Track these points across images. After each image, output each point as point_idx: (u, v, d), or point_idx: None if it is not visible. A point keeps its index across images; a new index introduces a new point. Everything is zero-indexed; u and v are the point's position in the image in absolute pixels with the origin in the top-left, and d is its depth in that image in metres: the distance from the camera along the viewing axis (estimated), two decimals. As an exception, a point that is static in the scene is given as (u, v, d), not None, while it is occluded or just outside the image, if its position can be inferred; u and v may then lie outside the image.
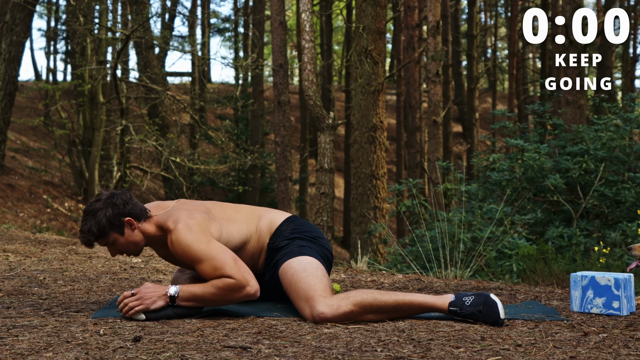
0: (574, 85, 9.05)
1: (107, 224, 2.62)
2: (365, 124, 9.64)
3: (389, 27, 25.08)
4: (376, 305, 2.50)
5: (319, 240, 2.84)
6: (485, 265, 5.61)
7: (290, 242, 2.78)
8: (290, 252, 2.73)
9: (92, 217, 2.64)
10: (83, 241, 2.68)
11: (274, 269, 2.80)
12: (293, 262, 2.67)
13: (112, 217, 2.63)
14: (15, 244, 5.25)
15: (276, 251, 2.80)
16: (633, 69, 20.81)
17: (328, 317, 2.46)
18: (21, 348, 2.05)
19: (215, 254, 2.56)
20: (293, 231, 2.82)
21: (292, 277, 2.62)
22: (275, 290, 2.86)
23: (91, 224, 2.63)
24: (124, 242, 2.68)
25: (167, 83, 16.47)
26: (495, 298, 2.47)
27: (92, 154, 14.44)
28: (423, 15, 14.76)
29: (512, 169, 7.33)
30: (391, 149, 22.22)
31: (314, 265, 2.66)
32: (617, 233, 6.11)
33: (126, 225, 2.66)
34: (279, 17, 7.75)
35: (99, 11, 14.37)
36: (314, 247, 2.78)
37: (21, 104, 19.83)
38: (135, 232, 2.68)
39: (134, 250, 2.74)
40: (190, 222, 2.62)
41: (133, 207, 2.69)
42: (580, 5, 9.25)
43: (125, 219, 2.66)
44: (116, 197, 2.67)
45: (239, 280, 2.52)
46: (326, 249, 2.84)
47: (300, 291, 2.57)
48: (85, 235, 2.64)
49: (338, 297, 2.51)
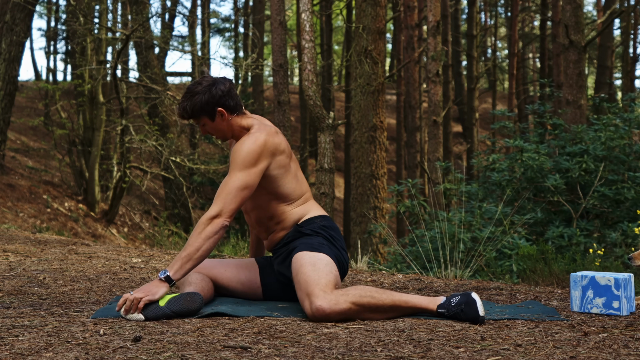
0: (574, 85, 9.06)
1: (200, 108, 2.83)
2: (365, 124, 9.64)
3: (389, 27, 25.08)
4: (374, 305, 2.54)
5: (340, 247, 2.88)
6: (485, 265, 5.61)
7: (314, 235, 2.84)
8: (309, 244, 2.79)
9: (190, 97, 2.85)
10: (178, 114, 2.91)
11: (288, 252, 2.86)
12: (306, 255, 2.72)
13: (205, 104, 2.83)
14: (15, 244, 5.25)
15: (299, 235, 2.87)
16: (633, 69, 20.79)
17: (326, 311, 2.50)
18: (21, 348, 2.05)
19: (235, 180, 2.72)
20: (322, 227, 2.88)
21: (300, 268, 2.67)
22: (279, 282, 2.94)
23: (187, 104, 2.85)
24: (213, 127, 2.89)
25: (167, 83, 16.45)
26: (475, 296, 2.51)
27: (92, 154, 14.44)
28: (423, 15, 14.76)
29: (512, 169, 7.33)
30: (391, 149, 22.22)
31: (324, 262, 2.70)
32: (617, 233, 6.11)
33: (217, 114, 2.86)
34: (279, 17, 7.75)
35: (99, 11, 14.37)
36: (332, 249, 2.82)
37: (21, 104, 19.82)
38: (224, 122, 2.87)
39: (221, 136, 2.94)
40: (268, 139, 2.79)
41: (229, 99, 2.86)
42: (580, 5, 9.24)
43: (218, 109, 2.84)
44: (216, 86, 2.84)
45: (214, 211, 2.67)
46: (343, 257, 2.88)
47: (303, 283, 2.61)
48: (180, 112, 2.88)
49: (337, 292, 2.55)
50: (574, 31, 9.05)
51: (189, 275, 2.88)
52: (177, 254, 2.67)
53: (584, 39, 9.39)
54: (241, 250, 6.78)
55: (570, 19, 9.07)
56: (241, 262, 3.05)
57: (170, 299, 2.56)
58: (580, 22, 9.21)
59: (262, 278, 2.99)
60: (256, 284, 2.99)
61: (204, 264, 2.97)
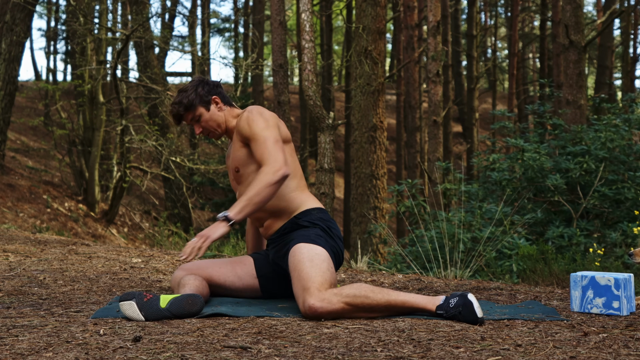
0: (574, 85, 9.05)
1: (195, 97, 2.94)
2: (365, 124, 9.64)
3: (389, 27, 25.08)
4: (367, 305, 2.54)
5: (337, 238, 2.90)
6: (485, 265, 5.61)
7: (311, 226, 2.86)
8: (306, 235, 2.79)
9: (184, 92, 2.97)
10: (173, 112, 2.98)
11: (285, 243, 2.86)
12: (304, 248, 2.73)
13: (201, 93, 2.95)
14: (15, 244, 5.25)
15: (295, 227, 2.88)
16: (633, 69, 20.79)
17: (318, 311, 2.50)
18: (21, 348, 2.05)
19: (267, 136, 2.80)
20: (320, 219, 2.90)
21: (297, 264, 2.68)
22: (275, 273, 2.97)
23: (182, 97, 2.95)
24: (208, 118, 2.96)
25: (167, 83, 16.44)
26: (471, 298, 2.51)
27: (92, 154, 14.44)
28: (423, 15, 14.76)
29: (512, 169, 7.33)
30: (391, 149, 22.22)
31: (322, 257, 2.70)
32: (618, 233, 6.11)
33: (212, 102, 2.98)
34: (279, 17, 7.75)
35: (99, 11, 14.37)
36: (329, 240, 2.83)
37: (21, 104, 19.83)
38: (219, 112, 2.98)
39: (216, 130, 3.00)
40: (265, 112, 2.90)
41: (222, 91, 3.03)
42: (580, 5, 9.24)
43: (213, 97, 2.98)
44: (206, 80, 3.01)
45: (272, 166, 2.75)
46: (339, 248, 2.90)
47: (299, 279, 2.62)
48: (176, 107, 2.95)
49: (331, 292, 2.54)
50: (574, 31, 9.05)
51: (183, 277, 2.88)
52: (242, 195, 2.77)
53: (584, 39, 9.39)
54: (241, 250, 6.78)
55: (570, 19, 9.06)
56: (235, 259, 3.07)
57: (172, 301, 2.55)
58: (580, 22, 9.21)
59: (258, 269, 2.99)
60: (252, 276, 2.99)
61: (198, 264, 2.97)
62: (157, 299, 2.54)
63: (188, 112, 2.97)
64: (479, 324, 2.47)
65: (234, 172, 3.00)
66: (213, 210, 18.49)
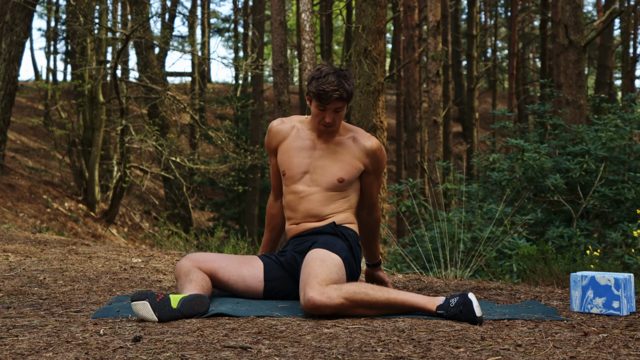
0: (574, 85, 9.05)
1: (354, 90, 2.83)
2: (365, 124, 9.63)
3: (389, 27, 25.09)
4: (367, 302, 2.55)
5: (357, 260, 2.97)
6: (485, 265, 5.61)
7: (341, 239, 2.91)
8: (331, 244, 2.83)
9: (348, 79, 2.81)
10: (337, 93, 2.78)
11: (312, 242, 2.89)
12: (320, 252, 2.75)
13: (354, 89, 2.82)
14: (15, 244, 5.25)
15: (329, 231, 2.93)
16: (633, 69, 20.79)
17: (316, 304, 2.50)
18: (21, 348, 2.05)
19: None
20: (352, 237, 2.97)
21: (309, 262, 2.70)
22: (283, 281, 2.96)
23: (349, 84, 2.80)
24: (343, 115, 2.88)
25: (167, 83, 16.46)
26: (471, 297, 2.51)
27: (92, 154, 14.44)
28: (423, 15, 14.76)
29: (512, 169, 7.33)
30: (391, 149, 22.22)
31: (335, 262, 2.71)
32: (618, 233, 6.11)
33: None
34: (279, 17, 7.75)
35: (99, 11, 14.37)
36: (349, 258, 2.87)
37: (21, 104, 19.83)
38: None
39: (337, 127, 2.93)
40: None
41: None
42: (580, 5, 9.24)
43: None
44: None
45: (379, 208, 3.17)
46: (357, 269, 2.96)
47: (305, 275, 2.63)
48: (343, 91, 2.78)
49: (331, 287, 2.55)
50: (574, 31, 9.05)
51: (190, 271, 2.83)
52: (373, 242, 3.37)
53: (584, 39, 9.39)
54: (241, 251, 6.77)
55: (570, 19, 9.06)
56: (244, 258, 3.01)
57: (182, 301, 2.52)
58: (580, 22, 9.21)
59: (266, 274, 2.94)
60: (258, 279, 2.94)
61: (205, 257, 2.92)
62: (168, 299, 2.51)
63: (344, 101, 2.84)
64: (478, 324, 2.48)
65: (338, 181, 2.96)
66: (213, 210, 18.48)
